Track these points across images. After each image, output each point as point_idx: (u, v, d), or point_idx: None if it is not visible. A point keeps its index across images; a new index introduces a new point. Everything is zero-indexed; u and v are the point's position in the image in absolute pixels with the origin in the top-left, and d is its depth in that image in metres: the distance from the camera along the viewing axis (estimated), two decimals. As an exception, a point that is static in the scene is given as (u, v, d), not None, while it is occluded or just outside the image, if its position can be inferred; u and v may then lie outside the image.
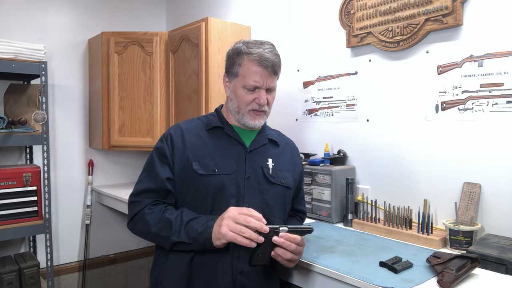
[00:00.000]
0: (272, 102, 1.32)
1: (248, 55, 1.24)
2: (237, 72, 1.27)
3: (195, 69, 2.34)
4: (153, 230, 1.18)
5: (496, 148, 1.43)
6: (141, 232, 1.24)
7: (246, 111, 1.28)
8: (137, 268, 3.21)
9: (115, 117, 2.68)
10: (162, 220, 1.18)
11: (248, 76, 1.24)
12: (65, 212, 2.85)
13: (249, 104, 1.26)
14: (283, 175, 1.33)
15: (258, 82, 1.24)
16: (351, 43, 1.88)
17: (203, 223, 1.14)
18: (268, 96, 1.28)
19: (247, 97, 1.26)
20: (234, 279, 1.18)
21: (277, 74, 1.29)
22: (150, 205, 1.22)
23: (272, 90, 1.29)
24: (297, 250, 1.14)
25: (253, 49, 1.24)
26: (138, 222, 1.22)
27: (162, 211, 1.20)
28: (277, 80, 1.32)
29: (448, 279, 1.08)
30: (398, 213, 1.60)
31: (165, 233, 1.17)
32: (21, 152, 2.65)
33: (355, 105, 1.91)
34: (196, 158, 1.24)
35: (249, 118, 1.28)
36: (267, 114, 1.32)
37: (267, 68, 1.23)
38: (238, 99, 1.28)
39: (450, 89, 1.55)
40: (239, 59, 1.26)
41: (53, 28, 2.76)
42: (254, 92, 1.26)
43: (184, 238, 1.14)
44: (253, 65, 1.24)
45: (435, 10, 1.56)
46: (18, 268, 2.26)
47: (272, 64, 1.24)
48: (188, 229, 1.15)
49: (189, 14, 3.06)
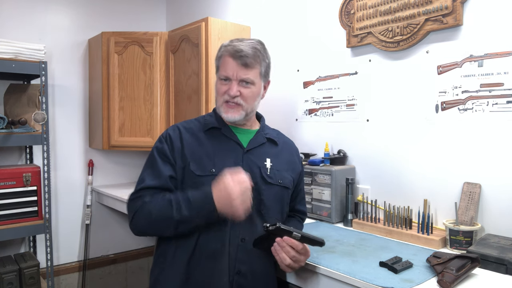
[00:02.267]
0: (250, 97, 1.28)
1: (225, 47, 1.29)
2: (217, 66, 1.32)
3: (195, 69, 2.34)
4: (154, 215, 1.15)
5: (496, 148, 1.43)
6: (144, 223, 1.19)
7: (221, 102, 1.29)
8: (137, 268, 3.21)
9: (115, 117, 2.68)
10: (160, 203, 1.16)
11: (222, 67, 1.28)
12: (65, 212, 2.85)
13: (222, 95, 1.28)
14: (281, 175, 1.32)
15: (228, 73, 1.26)
16: (351, 43, 1.88)
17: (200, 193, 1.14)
18: (243, 89, 1.26)
19: (221, 88, 1.28)
20: (231, 279, 1.18)
21: (251, 66, 1.26)
22: (149, 196, 1.19)
23: (248, 83, 1.27)
24: (296, 258, 1.14)
25: (232, 42, 1.28)
26: (140, 215, 1.18)
27: (161, 197, 1.18)
28: (259, 76, 1.29)
29: (448, 279, 1.08)
30: (398, 213, 1.60)
31: (166, 214, 1.14)
32: (21, 152, 2.65)
33: (355, 105, 1.91)
34: (194, 159, 1.24)
35: (223, 110, 1.28)
36: (244, 109, 1.28)
37: (237, 60, 1.25)
38: (216, 91, 1.31)
39: (450, 89, 1.55)
40: (219, 53, 1.31)
41: (53, 28, 2.76)
42: (227, 83, 1.27)
43: (186, 213, 1.12)
44: (226, 56, 1.27)
45: (435, 10, 1.56)
46: (18, 268, 2.26)
47: (244, 55, 1.24)
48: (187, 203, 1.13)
49: (189, 14, 3.06)
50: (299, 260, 1.15)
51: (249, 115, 1.32)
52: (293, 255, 1.13)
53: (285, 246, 1.11)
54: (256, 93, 1.30)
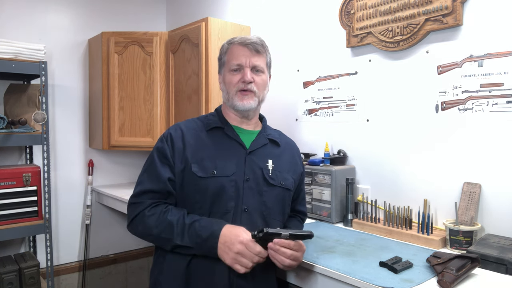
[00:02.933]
0: (262, 85, 1.32)
1: (231, 41, 1.32)
2: (224, 61, 1.33)
3: (195, 69, 2.34)
4: (154, 232, 1.18)
5: (496, 148, 1.43)
6: (142, 234, 1.23)
7: (234, 92, 1.29)
8: (137, 268, 3.21)
9: (115, 117, 2.68)
10: (163, 222, 1.17)
11: (231, 58, 1.30)
12: (65, 212, 2.85)
13: (235, 84, 1.28)
14: (283, 176, 1.32)
15: (240, 60, 1.28)
16: (351, 43, 1.88)
17: (208, 229, 1.14)
18: (255, 76, 1.29)
19: (233, 78, 1.29)
20: (232, 281, 1.17)
21: (261, 54, 1.30)
22: (150, 207, 1.21)
23: (259, 71, 1.30)
24: (294, 256, 1.14)
25: (236, 37, 1.32)
26: (138, 224, 1.22)
27: (163, 213, 1.19)
28: (266, 66, 1.33)
29: (448, 279, 1.08)
30: (398, 213, 1.60)
31: (166, 235, 1.16)
32: (21, 152, 2.65)
33: (355, 105, 1.90)
34: (195, 160, 1.23)
35: (237, 99, 1.28)
36: (257, 95, 1.30)
37: (248, 46, 1.28)
38: (226, 84, 1.31)
39: (450, 89, 1.55)
40: (223, 49, 1.34)
41: (53, 28, 2.76)
42: (239, 72, 1.28)
43: (187, 242, 1.15)
44: (235, 47, 1.30)
45: (435, 10, 1.56)
46: (18, 268, 2.26)
47: (253, 42, 1.28)
48: (192, 233, 1.14)
49: (189, 14, 3.06)
50: (296, 257, 1.16)
51: (260, 104, 1.34)
52: (290, 254, 1.13)
53: (279, 248, 1.12)
54: (265, 82, 1.34)
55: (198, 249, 1.15)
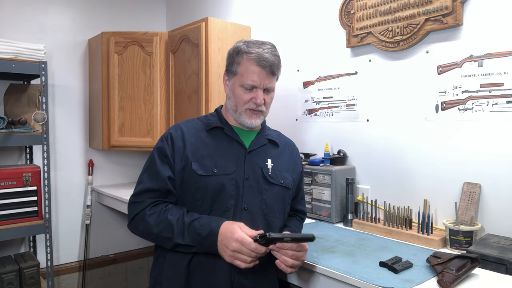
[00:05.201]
0: (270, 103, 1.33)
1: (247, 54, 1.25)
2: (236, 71, 1.28)
3: (195, 69, 2.34)
4: (154, 231, 1.19)
5: (496, 148, 1.43)
6: (142, 233, 1.24)
7: (243, 110, 1.28)
8: (137, 268, 3.21)
9: (115, 117, 2.68)
10: (163, 221, 1.18)
11: (246, 75, 1.25)
12: (65, 212, 2.85)
13: (246, 103, 1.27)
14: (282, 175, 1.33)
15: (255, 81, 1.24)
16: (351, 43, 1.88)
17: (207, 227, 1.15)
18: (266, 97, 1.29)
19: (244, 96, 1.27)
20: (232, 279, 1.18)
21: (276, 74, 1.29)
22: (150, 206, 1.22)
23: (270, 91, 1.30)
24: (296, 256, 1.15)
25: (253, 48, 1.25)
26: (139, 223, 1.22)
27: (163, 212, 1.20)
28: (276, 81, 1.32)
29: (448, 279, 1.08)
30: (398, 213, 1.60)
31: (166, 234, 1.17)
32: (21, 152, 2.65)
33: (355, 105, 1.91)
34: (196, 159, 1.24)
35: (246, 117, 1.29)
36: (264, 114, 1.32)
37: (265, 68, 1.24)
38: (235, 97, 1.29)
39: (450, 89, 1.55)
40: (238, 58, 1.27)
41: (53, 28, 2.76)
42: (251, 91, 1.26)
43: (188, 241, 1.15)
44: (251, 64, 1.24)
45: (435, 10, 1.56)
46: (18, 268, 2.26)
47: (270, 64, 1.24)
48: (192, 232, 1.15)
49: (189, 14, 3.06)
50: (298, 256, 1.16)
51: None
52: (292, 254, 1.14)
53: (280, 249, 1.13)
54: (273, 98, 1.34)
55: (198, 247, 1.16)
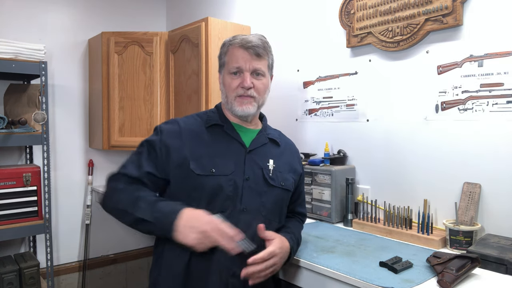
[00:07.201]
0: (263, 90, 1.28)
1: (231, 42, 1.27)
2: (223, 62, 1.29)
3: (195, 69, 2.34)
4: (119, 206, 1.16)
5: (496, 148, 1.43)
6: (110, 207, 1.21)
7: (233, 97, 1.26)
8: (137, 268, 3.21)
9: (115, 117, 2.68)
10: (131, 196, 1.16)
11: (231, 60, 1.25)
12: (65, 212, 2.85)
13: (235, 89, 1.25)
14: (283, 177, 1.30)
15: (240, 63, 1.23)
16: (351, 43, 1.88)
17: (171, 206, 1.13)
18: (255, 81, 1.25)
19: (233, 83, 1.25)
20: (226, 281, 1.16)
21: (262, 57, 1.26)
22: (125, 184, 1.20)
23: (260, 75, 1.26)
24: (270, 263, 1.13)
25: (237, 36, 1.27)
26: (111, 197, 1.20)
27: (135, 189, 1.18)
28: (268, 69, 1.30)
29: (448, 279, 1.08)
30: (398, 213, 1.60)
31: (129, 209, 1.15)
32: (21, 152, 2.65)
33: (355, 105, 1.91)
34: (194, 157, 1.21)
35: (236, 105, 1.26)
36: (256, 101, 1.27)
37: (248, 50, 1.23)
38: (225, 87, 1.28)
39: (450, 89, 1.55)
40: (225, 49, 1.29)
41: (53, 28, 2.76)
42: (239, 77, 1.25)
43: (146, 215, 1.12)
44: (235, 49, 1.25)
45: (435, 10, 1.56)
46: (18, 268, 2.26)
47: (254, 45, 1.23)
48: (154, 209, 1.13)
49: (189, 14, 3.06)
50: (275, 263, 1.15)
51: (259, 108, 1.32)
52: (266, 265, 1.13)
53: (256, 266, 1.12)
54: (266, 85, 1.30)
55: (157, 224, 1.12)
